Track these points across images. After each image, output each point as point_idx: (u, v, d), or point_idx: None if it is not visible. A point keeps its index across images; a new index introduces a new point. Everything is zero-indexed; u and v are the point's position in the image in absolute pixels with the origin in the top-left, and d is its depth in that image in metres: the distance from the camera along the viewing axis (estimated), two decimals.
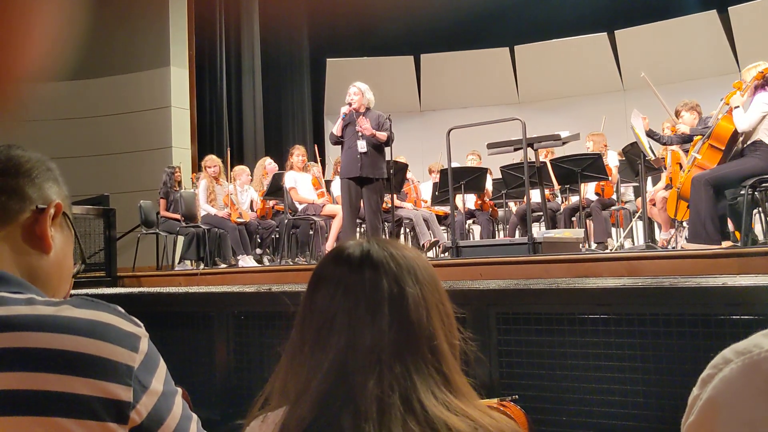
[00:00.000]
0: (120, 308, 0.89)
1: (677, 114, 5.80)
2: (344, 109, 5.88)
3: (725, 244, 4.50)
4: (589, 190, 7.07)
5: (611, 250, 6.43)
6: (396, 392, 0.83)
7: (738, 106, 4.62)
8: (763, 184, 4.76)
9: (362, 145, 5.76)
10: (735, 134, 4.72)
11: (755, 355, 0.57)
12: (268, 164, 7.96)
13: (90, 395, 0.79)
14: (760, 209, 5.18)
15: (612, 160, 6.97)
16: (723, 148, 4.72)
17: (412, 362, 0.85)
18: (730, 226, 4.88)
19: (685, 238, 5.17)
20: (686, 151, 5.65)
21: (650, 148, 5.72)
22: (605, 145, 7.15)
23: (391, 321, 0.86)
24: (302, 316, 0.92)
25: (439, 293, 0.93)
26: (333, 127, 6.01)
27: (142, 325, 0.89)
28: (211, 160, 7.31)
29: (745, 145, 4.61)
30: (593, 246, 6.73)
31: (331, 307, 0.88)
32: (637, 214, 6.73)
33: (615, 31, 11.15)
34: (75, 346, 0.80)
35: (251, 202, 7.64)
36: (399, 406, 0.82)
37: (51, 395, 0.78)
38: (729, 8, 10.20)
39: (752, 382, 0.56)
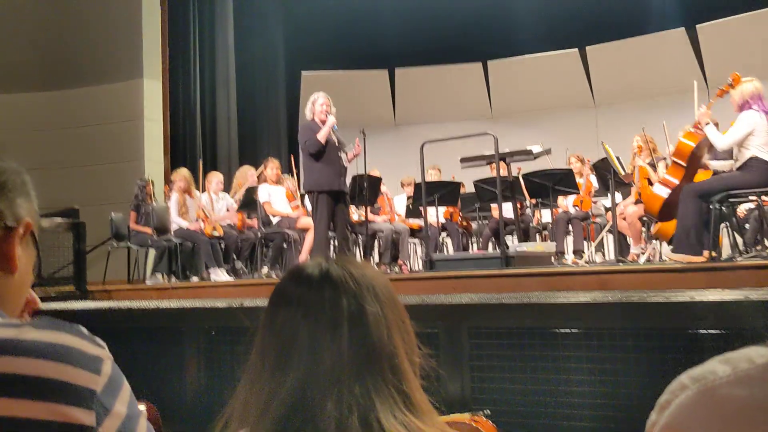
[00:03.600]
0: (83, 328, 0.86)
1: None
2: (334, 120, 5.72)
3: (705, 254, 4.57)
4: (567, 203, 7.20)
5: (583, 262, 6.50)
6: (354, 413, 0.83)
7: (708, 123, 4.68)
8: (731, 199, 4.85)
9: (345, 159, 5.78)
10: (696, 151, 4.80)
11: (710, 381, 0.58)
12: (250, 175, 7.80)
13: (51, 420, 0.77)
14: (728, 223, 5.27)
15: (594, 180, 7.05)
16: (685, 165, 4.79)
17: (372, 382, 0.85)
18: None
19: (671, 249, 5.26)
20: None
21: (620, 163, 5.80)
22: (588, 161, 7.26)
23: (350, 340, 0.86)
24: (262, 337, 0.91)
25: (399, 311, 0.93)
26: (316, 135, 5.67)
27: (105, 346, 0.87)
28: (177, 174, 7.22)
29: (739, 165, 4.67)
30: (571, 256, 6.83)
31: (292, 327, 0.88)
32: (607, 227, 6.82)
33: (586, 48, 11.30)
34: (36, 370, 0.78)
35: (227, 210, 7.59)
36: (357, 427, 0.82)
37: (11, 421, 0.76)
38: (697, 26, 10.41)
39: (707, 408, 0.57)
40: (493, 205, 7.15)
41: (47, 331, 0.83)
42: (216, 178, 7.61)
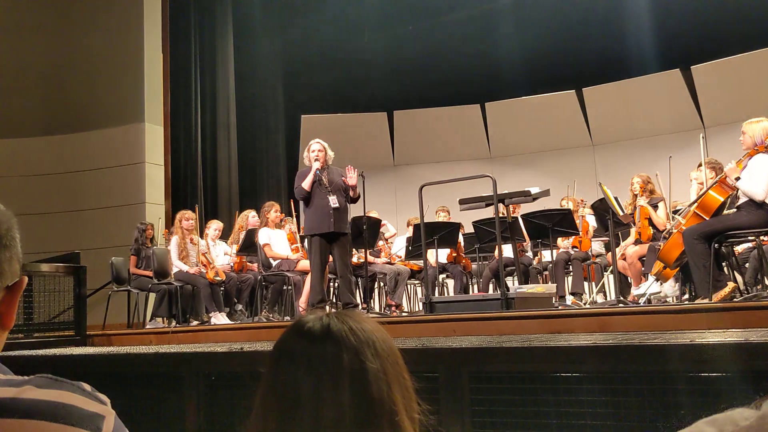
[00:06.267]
0: (85, 385, 0.86)
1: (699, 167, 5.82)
2: (317, 165, 5.92)
3: (729, 286, 4.55)
4: (566, 244, 7.21)
5: (585, 303, 6.49)
6: None
7: (739, 178, 4.63)
8: (730, 240, 4.86)
9: (333, 201, 5.82)
10: (722, 206, 4.80)
11: None
12: (252, 217, 7.85)
13: None
14: (727, 263, 5.27)
15: (591, 220, 7.08)
16: (708, 218, 4.78)
17: None
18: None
19: (691, 294, 5.24)
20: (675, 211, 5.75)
21: (618, 204, 5.82)
22: (582, 201, 7.33)
23: (352, 396, 0.87)
24: (264, 394, 0.92)
25: (399, 366, 0.94)
26: (302, 182, 5.95)
27: (107, 401, 0.86)
28: (188, 214, 7.24)
29: (740, 204, 4.67)
30: (571, 297, 6.81)
31: (294, 383, 0.89)
32: (609, 269, 6.81)
33: (583, 89, 11.44)
34: (36, 431, 0.78)
35: (224, 255, 7.60)
36: None
37: None
38: (691, 67, 10.55)
39: None
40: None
41: (48, 389, 0.82)
42: (215, 225, 7.65)
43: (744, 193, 4.58)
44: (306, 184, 5.91)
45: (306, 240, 6.09)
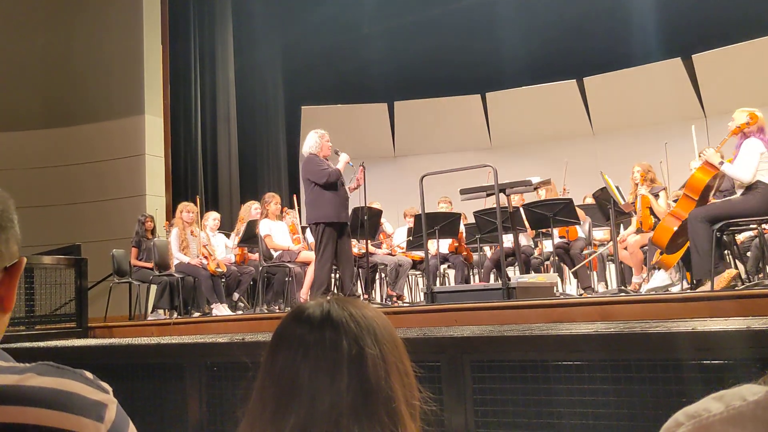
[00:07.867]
0: (87, 373, 0.85)
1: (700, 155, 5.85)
2: (347, 156, 5.97)
3: (728, 272, 4.54)
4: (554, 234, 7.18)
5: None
6: None
7: (722, 162, 4.61)
8: (731, 228, 4.85)
9: (348, 192, 5.91)
10: (708, 186, 4.79)
11: (704, 419, 0.59)
12: (254, 209, 7.78)
13: None
14: (728, 251, 5.26)
15: None
16: (697, 198, 4.78)
17: (368, 426, 0.85)
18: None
19: (689, 279, 5.24)
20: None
21: (620, 193, 5.81)
22: (564, 189, 7.32)
23: (349, 382, 0.87)
24: (262, 380, 0.92)
25: (398, 352, 0.94)
26: (333, 166, 5.86)
27: (110, 390, 0.85)
28: (189, 206, 7.22)
29: (743, 189, 4.66)
30: (575, 290, 6.80)
31: (292, 369, 0.88)
32: (611, 258, 6.81)
33: (583, 78, 11.42)
34: (38, 419, 0.77)
35: (225, 247, 7.59)
36: None
37: None
38: (693, 56, 10.53)
39: None
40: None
41: (50, 377, 0.82)
42: (213, 216, 7.63)
43: (731, 177, 4.61)
44: (340, 167, 5.89)
45: (313, 229, 5.97)
